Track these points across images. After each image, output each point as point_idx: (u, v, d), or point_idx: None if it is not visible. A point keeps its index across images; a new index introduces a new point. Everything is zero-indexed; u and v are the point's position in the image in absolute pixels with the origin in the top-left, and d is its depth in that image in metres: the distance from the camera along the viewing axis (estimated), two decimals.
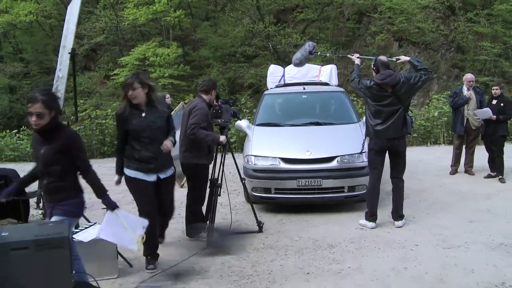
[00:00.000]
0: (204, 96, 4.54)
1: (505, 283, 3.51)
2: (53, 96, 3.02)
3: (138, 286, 3.69)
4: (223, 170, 4.70)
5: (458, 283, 3.54)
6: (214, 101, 4.63)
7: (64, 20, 17.89)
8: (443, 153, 9.23)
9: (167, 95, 7.38)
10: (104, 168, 9.41)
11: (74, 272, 2.66)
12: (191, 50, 19.01)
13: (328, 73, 7.21)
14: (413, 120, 5.38)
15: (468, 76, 7.30)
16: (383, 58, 4.89)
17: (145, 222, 3.25)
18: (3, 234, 2.54)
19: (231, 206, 5.23)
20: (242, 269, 3.99)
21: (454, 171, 7.48)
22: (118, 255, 3.98)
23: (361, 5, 17.83)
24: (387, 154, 5.00)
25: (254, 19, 18.79)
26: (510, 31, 17.94)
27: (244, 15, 19.27)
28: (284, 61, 17.37)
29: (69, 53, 3.69)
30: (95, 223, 4.12)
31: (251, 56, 18.22)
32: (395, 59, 5.10)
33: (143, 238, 3.09)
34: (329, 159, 5.43)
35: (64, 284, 2.51)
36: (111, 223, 3.04)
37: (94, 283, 3.03)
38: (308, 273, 3.83)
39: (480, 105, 7.00)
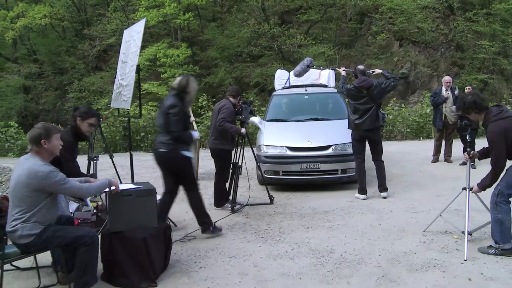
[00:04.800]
0: (232, 99, 6.26)
1: (448, 230, 5.20)
2: None
3: (185, 236, 5.38)
4: (243, 155, 6.43)
5: (415, 232, 5.23)
6: (236, 102, 6.35)
7: (76, 22, 19.66)
8: (432, 146, 10.87)
9: None
10: (127, 160, 11.15)
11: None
12: (199, 50, 20.61)
13: (326, 76, 8.94)
14: (385, 115, 7.11)
15: (446, 78, 8.99)
16: (360, 67, 6.75)
17: None
18: (112, 188, 4.25)
19: (249, 185, 6.97)
20: (259, 226, 5.69)
21: (435, 160, 9.19)
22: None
23: (363, 6, 19.28)
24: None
25: (260, 20, 20.38)
26: (508, 29, 19.24)
27: (250, 16, 20.87)
28: (288, 61, 19.02)
29: (136, 68, 5.37)
30: None
31: (257, 56, 19.82)
32: (371, 71, 6.80)
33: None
34: (326, 147, 7.16)
35: (152, 218, 4.23)
36: None
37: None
38: (308, 228, 5.54)
39: (456, 103, 8.68)
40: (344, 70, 7.02)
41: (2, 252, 3.52)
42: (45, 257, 4.38)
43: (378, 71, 6.86)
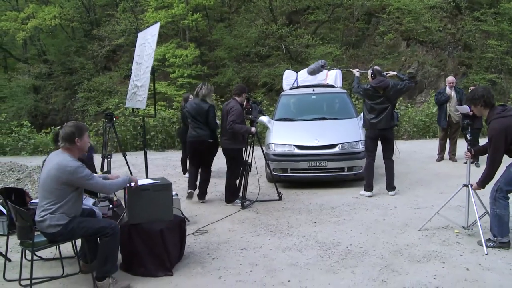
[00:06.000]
0: (237, 98, 6.56)
1: (449, 225, 5.46)
2: None
3: (198, 230, 5.68)
4: (253, 153, 6.73)
5: (417, 226, 5.49)
6: (245, 102, 6.64)
7: (85, 23, 20.22)
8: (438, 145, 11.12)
9: (190, 95, 9.10)
10: (137, 159, 11.51)
11: None
12: (207, 50, 20.91)
13: (333, 77, 9.21)
14: (399, 115, 7.35)
15: (449, 78, 9.24)
16: (378, 68, 6.92)
17: None
18: (132, 184, 4.57)
19: (259, 182, 7.28)
20: (268, 221, 5.98)
21: (440, 159, 9.44)
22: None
23: (370, 6, 19.44)
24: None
25: (267, 20, 20.62)
26: None
27: (258, 16, 21.13)
28: (296, 61, 19.27)
29: (151, 70, 5.67)
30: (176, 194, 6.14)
31: (265, 56, 20.05)
32: (385, 74, 7.02)
33: None
34: (333, 146, 7.45)
35: (167, 210, 4.54)
36: None
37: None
38: (315, 222, 5.83)
39: (460, 103, 8.92)
40: (358, 71, 7.22)
41: (32, 241, 3.84)
42: (66, 249, 4.72)
43: (392, 73, 7.03)
